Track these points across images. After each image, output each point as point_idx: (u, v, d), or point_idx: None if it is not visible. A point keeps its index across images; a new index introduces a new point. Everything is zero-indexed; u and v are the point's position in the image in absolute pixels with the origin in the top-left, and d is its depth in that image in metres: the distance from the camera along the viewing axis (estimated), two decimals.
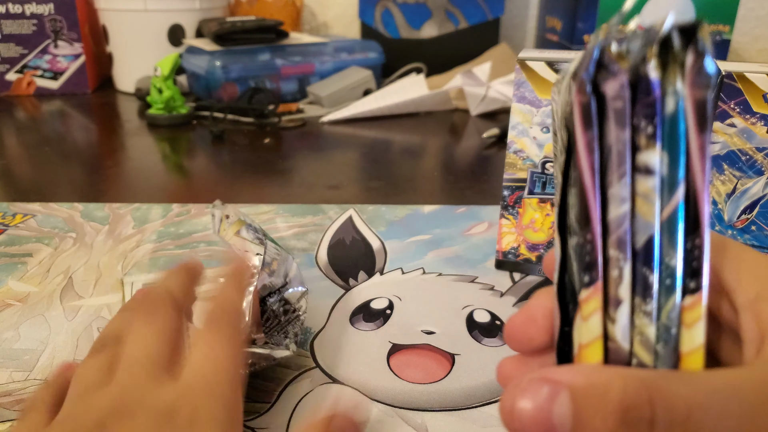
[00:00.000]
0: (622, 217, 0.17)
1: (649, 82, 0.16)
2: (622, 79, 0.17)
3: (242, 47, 0.99)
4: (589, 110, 0.17)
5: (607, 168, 0.17)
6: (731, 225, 0.42)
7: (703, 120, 0.16)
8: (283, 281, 0.39)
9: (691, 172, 0.17)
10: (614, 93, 0.17)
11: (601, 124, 0.17)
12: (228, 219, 0.41)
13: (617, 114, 0.17)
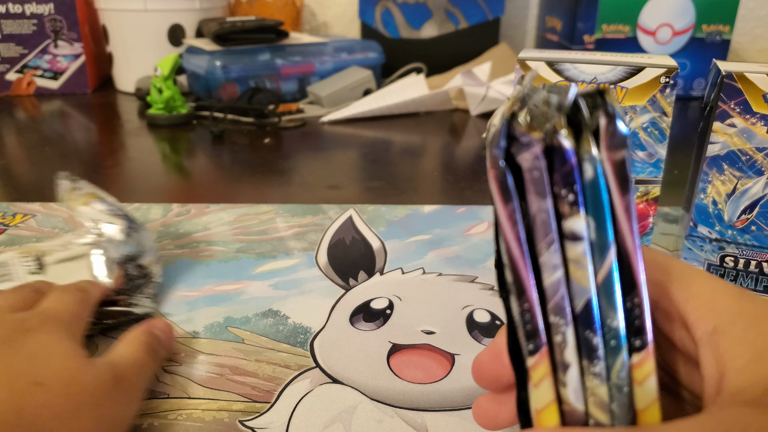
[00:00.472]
0: (557, 283, 0.17)
1: (563, 151, 0.16)
2: (535, 150, 0.16)
3: (242, 47, 0.99)
4: (505, 183, 0.17)
5: (534, 237, 0.17)
6: (731, 225, 0.43)
7: (625, 181, 0.16)
8: (138, 249, 0.44)
9: (620, 233, 0.17)
10: (529, 164, 0.16)
11: (523, 193, 0.17)
12: (78, 190, 0.46)
13: (536, 184, 0.17)
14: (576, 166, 0.16)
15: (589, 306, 0.17)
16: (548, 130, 0.16)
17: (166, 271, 0.47)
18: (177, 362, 0.37)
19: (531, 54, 0.43)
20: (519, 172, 0.17)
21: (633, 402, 0.18)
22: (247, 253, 0.50)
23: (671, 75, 0.40)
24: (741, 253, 0.43)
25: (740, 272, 0.43)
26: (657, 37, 1.06)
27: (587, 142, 0.16)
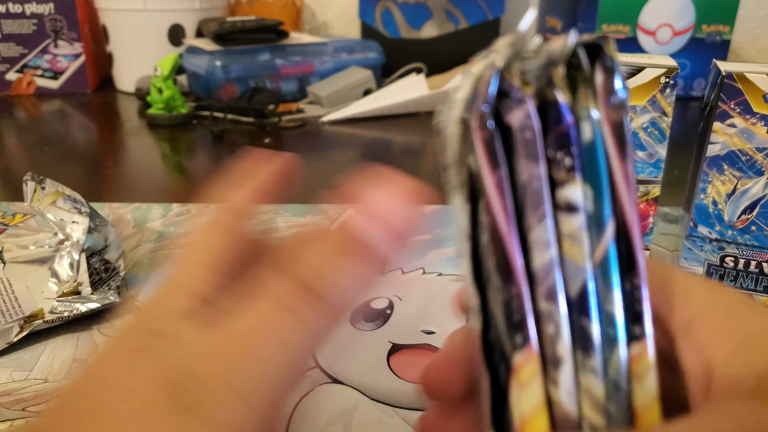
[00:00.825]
0: (549, 264, 0.15)
1: (558, 108, 0.14)
2: (527, 106, 0.14)
3: (242, 47, 0.99)
4: (493, 146, 0.14)
5: (523, 210, 0.15)
6: (731, 225, 0.43)
7: (623, 145, 0.15)
8: (103, 244, 0.45)
9: (618, 204, 0.15)
10: (521, 123, 0.14)
11: (510, 159, 0.15)
12: (44, 190, 0.47)
13: (527, 147, 0.14)
14: (573, 125, 0.14)
15: (585, 289, 0.15)
16: (542, 83, 0.14)
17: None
18: None
19: None
20: (505, 134, 0.15)
21: (631, 401, 0.16)
22: None
23: (671, 75, 0.40)
24: (741, 253, 0.43)
25: (740, 272, 0.43)
26: (657, 37, 1.06)
27: (584, 98, 0.14)
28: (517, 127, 0.14)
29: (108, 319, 0.41)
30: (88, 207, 0.46)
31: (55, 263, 0.44)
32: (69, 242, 0.45)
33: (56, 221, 0.45)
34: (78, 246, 0.44)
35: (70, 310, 0.40)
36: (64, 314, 0.39)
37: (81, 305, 0.40)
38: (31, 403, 0.33)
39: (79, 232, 0.45)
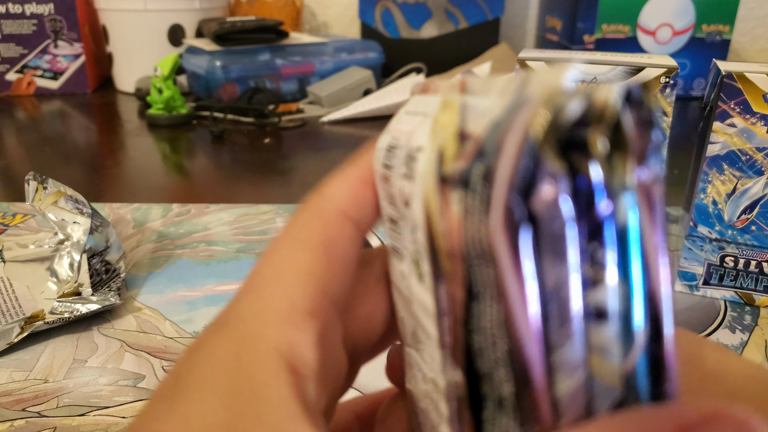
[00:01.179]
0: (575, 392, 0.12)
1: (592, 189, 0.11)
2: (559, 189, 0.11)
3: (242, 47, 0.99)
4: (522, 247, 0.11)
5: (547, 322, 0.11)
6: (731, 225, 0.42)
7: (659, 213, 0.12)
8: (104, 245, 0.45)
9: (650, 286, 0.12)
10: (549, 210, 0.11)
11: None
12: (45, 190, 0.47)
13: (555, 243, 0.11)
14: (610, 213, 0.11)
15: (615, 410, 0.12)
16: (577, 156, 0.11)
17: (166, 271, 0.47)
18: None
19: (531, 54, 0.43)
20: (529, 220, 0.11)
21: None
22: (247, 253, 0.50)
23: (671, 75, 0.40)
24: (741, 253, 0.43)
25: (740, 272, 0.43)
26: (657, 37, 1.06)
27: (622, 167, 0.11)
28: (544, 214, 0.11)
29: (108, 319, 0.41)
30: (89, 208, 0.46)
31: (55, 263, 0.45)
32: (69, 242, 0.45)
33: (57, 221, 0.45)
34: (79, 246, 0.44)
35: (70, 311, 0.40)
36: (65, 315, 0.39)
37: (81, 306, 0.40)
38: (31, 403, 0.33)
39: (80, 233, 0.45)
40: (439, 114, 0.14)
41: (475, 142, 0.12)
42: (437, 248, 0.13)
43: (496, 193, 0.11)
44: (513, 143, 0.11)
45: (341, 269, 0.15)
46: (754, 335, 0.40)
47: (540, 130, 0.10)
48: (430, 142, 0.13)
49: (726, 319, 0.42)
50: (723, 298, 0.44)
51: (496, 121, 0.11)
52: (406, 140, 0.15)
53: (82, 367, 0.36)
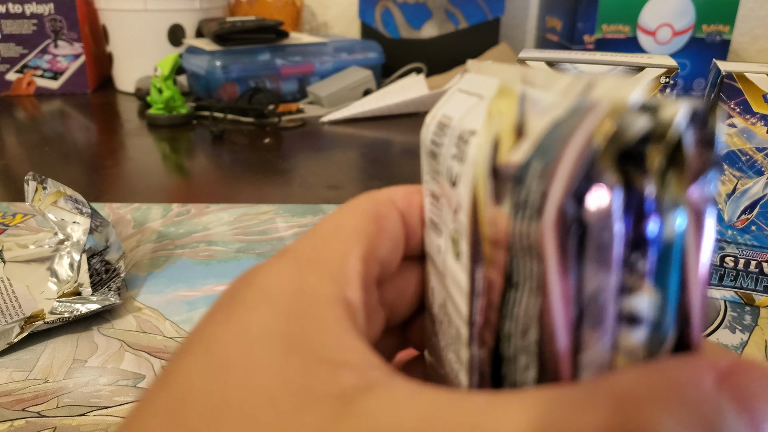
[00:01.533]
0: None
1: (644, 203, 0.11)
2: (613, 200, 0.11)
3: (242, 47, 0.99)
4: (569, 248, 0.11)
5: (581, 323, 0.12)
6: (731, 225, 0.42)
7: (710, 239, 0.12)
8: (104, 245, 0.45)
9: (686, 311, 0.12)
10: (599, 219, 0.11)
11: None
12: (45, 190, 0.47)
13: (601, 251, 0.11)
14: (658, 227, 0.11)
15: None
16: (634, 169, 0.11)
17: (166, 271, 0.47)
18: None
19: (531, 54, 0.43)
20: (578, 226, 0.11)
21: None
22: (247, 253, 0.50)
23: (671, 75, 0.40)
24: (741, 253, 0.43)
25: (740, 272, 0.43)
26: (657, 37, 1.06)
27: (677, 185, 0.11)
28: (594, 222, 0.11)
29: (108, 319, 0.41)
30: (89, 208, 0.46)
31: (55, 263, 0.45)
32: (69, 242, 0.45)
33: (57, 221, 0.45)
34: (79, 246, 0.44)
35: (70, 311, 0.40)
36: (65, 315, 0.39)
37: (81, 306, 0.40)
38: (31, 403, 0.33)
39: (80, 233, 0.45)
40: (496, 99, 0.14)
41: (535, 139, 0.12)
42: (480, 233, 0.14)
43: (552, 194, 0.11)
44: (575, 148, 0.11)
45: (387, 239, 0.17)
46: (754, 335, 0.40)
47: (603, 141, 0.11)
48: (485, 128, 0.13)
49: (726, 319, 0.42)
50: (723, 298, 0.44)
51: (558, 120, 0.11)
52: (459, 120, 0.15)
53: (82, 367, 0.36)
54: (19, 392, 0.34)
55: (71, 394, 0.34)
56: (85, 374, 0.36)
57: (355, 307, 0.14)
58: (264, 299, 0.13)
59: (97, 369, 0.36)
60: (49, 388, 0.35)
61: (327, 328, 0.13)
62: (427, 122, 0.17)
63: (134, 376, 0.36)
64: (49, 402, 0.33)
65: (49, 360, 0.37)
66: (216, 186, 0.66)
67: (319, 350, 0.12)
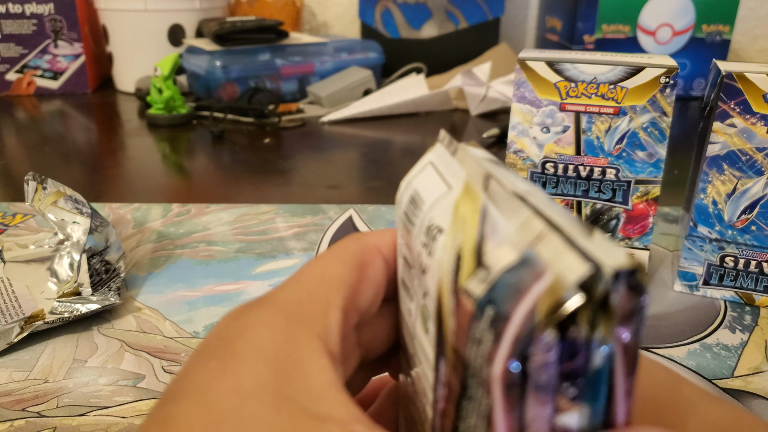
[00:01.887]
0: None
1: (576, 344, 0.13)
2: (552, 351, 0.13)
3: (242, 47, 0.99)
4: (515, 390, 0.13)
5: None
6: (731, 225, 0.42)
7: (633, 363, 0.14)
8: (104, 245, 0.45)
9: (612, 420, 0.14)
10: (539, 365, 0.13)
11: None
12: (45, 190, 0.47)
13: (540, 389, 0.13)
14: (587, 362, 0.13)
15: None
16: (563, 319, 0.13)
17: (166, 271, 0.47)
18: (177, 362, 0.37)
19: (531, 54, 0.43)
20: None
21: None
22: (247, 253, 0.50)
23: (671, 75, 0.40)
24: (741, 253, 0.43)
25: (740, 272, 0.43)
26: (657, 37, 1.06)
27: (605, 327, 0.13)
28: (534, 371, 0.13)
29: (108, 319, 0.41)
30: (89, 208, 0.46)
31: (55, 263, 0.45)
32: (69, 242, 0.45)
33: (57, 221, 0.45)
34: (79, 246, 0.44)
35: (70, 311, 0.40)
36: (64, 315, 0.39)
37: (81, 306, 0.40)
38: (31, 403, 0.33)
39: (80, 233, 0.45)
40: (461, 199, 0.16)
41: (490, 281, 0.14)
42: (444, 335, 0.15)
43: (500, 353, 0.13)
44: (519, 319, 0.13)
45: (368, 287, 0.18)
46: (754, 335, 0.40)
47: (544, 317, 0.13)
48: (450, 235, 0.15)
49: (726, 319, 0.42)
50: (723, 298, 0.44)
51: (510, 267, 0.13)
52: (429, 208, 0.17)
53: (82, 367, 0.36)
54: (19, 392, 0.34)
55: (71, 394, 0.34)
56: (85, 374, 0.36)
57: (336, 358, 0.15)
58: (255, 353, 0.14)
59: (97, 369, 0.36)
60: (49, 388, 0.35)
61: (313, 383, 0.14)
62: (401, 189, 0.19)
63: (134, 376, 0.36)
64: (49, 402, 0.33)
65: (49, 360, 0.37)
66: (216, 186, 0.66)
67: (306, 404, 0.13)
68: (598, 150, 0.43)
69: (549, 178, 0.44)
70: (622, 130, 0.42)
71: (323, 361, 0.14)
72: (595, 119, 0.42)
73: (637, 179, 0.43)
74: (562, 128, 0.43)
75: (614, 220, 0.44)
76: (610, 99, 0.42)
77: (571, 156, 0.43)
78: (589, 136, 0.43)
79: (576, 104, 0.42)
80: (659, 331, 0.41)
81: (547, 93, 0.42)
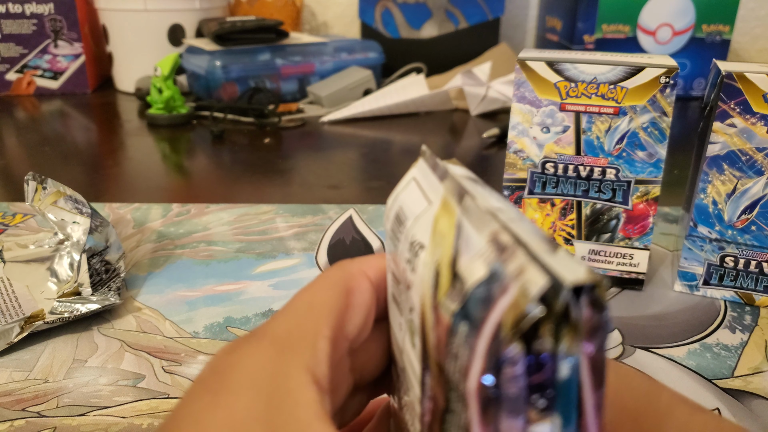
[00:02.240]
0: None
1: (541, 357, 0.14)
2: (519, 366, 0.14)
3: (242, 47, 0.99)
4: (491, 404, 0.14)
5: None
6: (731, 225, 0.42)
7: (601, 376, 0.15)
8: (104, 245, 0.45)
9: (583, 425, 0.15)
10: (509, 380, 0.14)
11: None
12: (45, 190, 0.47)
13: (511, 403, 0.14)
14: (553, 372, 0.14)
15: None
16: (527, 332, 0.14)
17: (166, 271, 0.47)
18: (177, 362, 0.37)
19: (531, 54, 0.43)
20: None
21: None
22: (247, 253, 0.50)
23: (671, 75, 0.40)
24: (741, 253, 0.43)
25: (740, 272, 0.43)
26: (657, 37, 1.06)
27: (569, 339, 0.14)
28: (505, 384, 0.14)
29: (108, 319, 0.41)
30: (89, 208, 0.46)
31: (55, 263, 0.45)
32: (69, 242, 0.45)
33: (57, 221, 0.45)
34: (79, 246, 0.44)
35: (70, 311, 0.40)
36: (65, 315, 0.39)
37: (81, 306, 0.40)
38: (31, 403, 0.33)
39: (80, 233, 0.45)
40: (440, 214, 0.16)
41: (462, 297, 0.15)
42: (428, 349, 0.16)
43: (473, 370, 0.14)
44: (488, 331, 0.14)
45: (356, 313, 0.18)
46: (754, 335, 0.40)
47: (509, 331, 0.14)
48: (430, 251, 0.16)
49: (726, 319, 0.42)
50: (723, 298, 0.44)
51: (481, 282, 0.14)
52: (412, 224, 0.18)
53: (82, 367, 0.36)
54: (19, 392, 0.34)
55: (71, 394, 0.34)
56: (85, 374, 0.36)
57: (324, 388, 0.16)
58: (246, 385, 0.15)
59: (97, 369, 0.36)
60: (49, 388, 0.35)
61: (301, 414, 0.15)
62: (388, 205, 0.20)
63: (134, 376, 0.36)
64: (49, 402, 0.33)
65: (49, 360, 0.37)
66: (216, 186, 0.66)
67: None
68: (598, 150, 0.43)
69: (549, 178, 0.44)
70: (622, 130, 0.42)
71: (311, 393, 0.15)
72: (595, 119, 0.42)
73: (637, 179, 0.43)
74: (562, 128, 0.43)
75: (614, 220, 0.44)
76: (610, 99, 0.42)
77: (571, 156, 0.43)
78: (589, 136, 0.43)
79: (576, 104, 0.42)
80: (659, 331, 0.41)
81: (547, 93, 0.42)
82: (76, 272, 0.42)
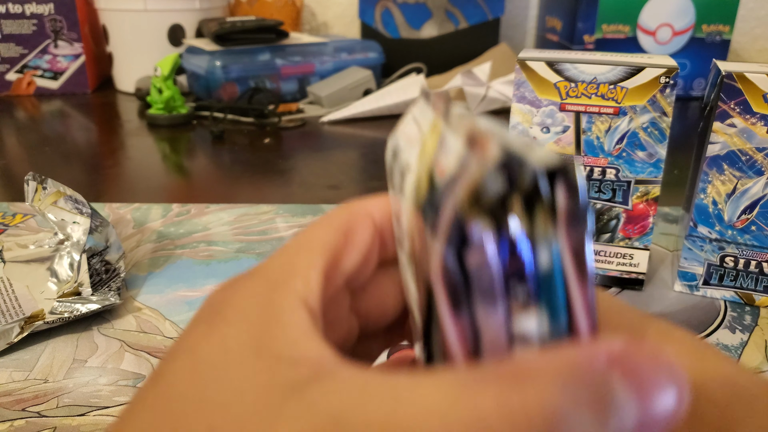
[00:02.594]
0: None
1: (515, 240, 0.13)
2: (487, 248, 0.13)
3: (242, 47, 0.99)
4: (458, 292, 0.13)
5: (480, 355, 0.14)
6: (731, 225, 0.42)
7: (584, 270, 0.14)
8: (104, 245, 0.45)
9: (575, 332, 0.14)
10: (478, 266, 0.13)
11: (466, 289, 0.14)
12: (45, 190, 0.47)
13: (485, 291, 0.13)
14: (531, 259, 0.13)
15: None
16: (497, 209, 0.13)
17: (166, 271, 0.47)
18: None
19: (531, 54, 0.43)
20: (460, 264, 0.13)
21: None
22: (247, 253, 0.50)
23: (671, 75, 0.40)
24: (741, 253, 0.43)
25: (740, 272, 0.43)
26: (657, 37, 1.06)
27: (545, 223, 0.13)
28: (474, 268, 0.13)
29: (108, 319, 0.41)
30: (89, 208, 0.46)
31: (55, 263, 0.45)
32: (69, 242, 0.45)
33: (57, 221, 0.45)
34: (79, 246, 0.44)
35: (70, 311, 0.40)
36: (65, 315, 0.39)
37: (81, 306, 0.40)
38: (31, 403, 0.33)
39: (80, 233, 0.45)
40: (426, 137, 0.16)
41: (435, 190, 0.14)
42: (419, 269, 0.16)
43: (434, 250, 0.13)
44: (448, 212, 0.13)
45: (354, 251, 0.18)
46: (754, 335, 0.40)
47: (465, 201, 0.13)
48: (416, 167, 0.15)
49: (726, 319, 0.42)
50: (723, 298, 0.44)
51: (449, 174, 0.13)
52: (405, 151, 0.17)
53: (82, 367, 0.36)
54: (19, 392, 0.34)
55: (71, 394, 0.34)
56: (85, 374, 0.36)
57: (316, 312, 0.16)
58: (239, 316, 0.16)
59: (97, 369, 0.36)
60: (49, 388, 0.35)
61: (289, 333, 0.15)
62: (388, 144, 0.20)
63: (134, 376, 0.36)
64: (49, 402, 0.33)
65: (49, 360, 0.37)
66: (216, 186, 0.66)
67: (282, 351, 0.15)
68: (598, 150, 0.43)
69: None
70: (622, 130, 0.42)
71: (300, 314, 0.16)
72: (595, 119, 0.42)
73: (637, 179, 0.43)
74: (562, 128, 0.43)
75: (614, 220, 0.44)
76: (610, 99, 0.42)
77: (571, 156, 0.43)
78: (589, 136, 0.43)
79: (576, 104, 0.42)
80: None
81: (547, 93, 0.42)
82: (76, 272, 0.42)
